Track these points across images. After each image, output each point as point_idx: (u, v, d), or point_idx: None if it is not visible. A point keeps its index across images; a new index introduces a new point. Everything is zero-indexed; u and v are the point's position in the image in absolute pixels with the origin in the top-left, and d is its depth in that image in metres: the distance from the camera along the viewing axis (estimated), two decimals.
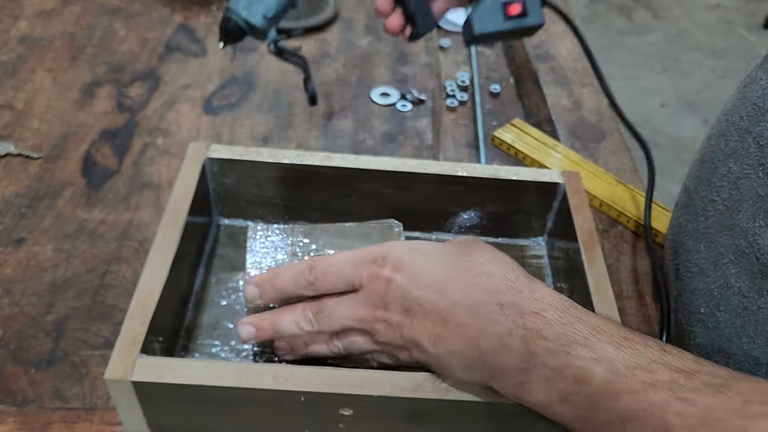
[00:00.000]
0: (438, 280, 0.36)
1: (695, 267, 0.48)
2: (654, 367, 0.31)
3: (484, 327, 0.34)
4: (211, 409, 0.38)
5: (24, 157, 0.62)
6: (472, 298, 0.34)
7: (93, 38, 0.79)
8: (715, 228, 0.46)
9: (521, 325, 0.33)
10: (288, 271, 0.40)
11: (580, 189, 0.51)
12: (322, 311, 0.39)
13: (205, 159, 0.50)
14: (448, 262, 0.37)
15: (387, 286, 0.36)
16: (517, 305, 0.34)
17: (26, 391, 0.45)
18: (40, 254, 0.54)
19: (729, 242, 0.44)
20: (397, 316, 0.36)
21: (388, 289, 0.36)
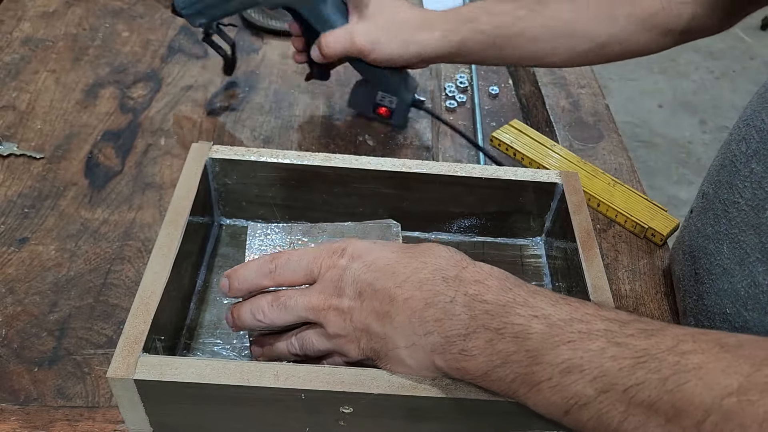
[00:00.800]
0: (390, 263, 0.37)
1: (718, 268, 0.48)
2: (589, 319, 0.32)
3: (429, 297, 0.35)
4: (213, 408, 0.38)
5: (27, 158, 0.63)
6: (419, 275, 0.36)
7: (96, 39, 0.79)
8: (739, 228, 0.46)
9: (463, 292, 0.34)
10: (253, 262, 0.41)
11: (578, 189, 0.51)
12: (278, 299, 0.39)
13: (207, 159, 0.50)
14: (403, 250, 0.38)
15: (342, 273, 0.37)
16: (460, 277, 0.35)
17: (29, 389, 0.45)
18: (43, 254, 0.54)
19: (755, 241, 0.44)
20: (349, 300, 0.37)
21: (343, 275, 0.37)
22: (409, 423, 0.39)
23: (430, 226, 0.55)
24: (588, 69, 0.80)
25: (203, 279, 0.50)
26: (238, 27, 0.82)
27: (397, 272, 0.36)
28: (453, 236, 0.56)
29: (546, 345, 0.32)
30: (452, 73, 0.81)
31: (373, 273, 0.37)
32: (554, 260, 0.53)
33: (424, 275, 0.36)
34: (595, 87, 0.78)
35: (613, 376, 0.30)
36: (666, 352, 0.29)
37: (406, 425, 0.39)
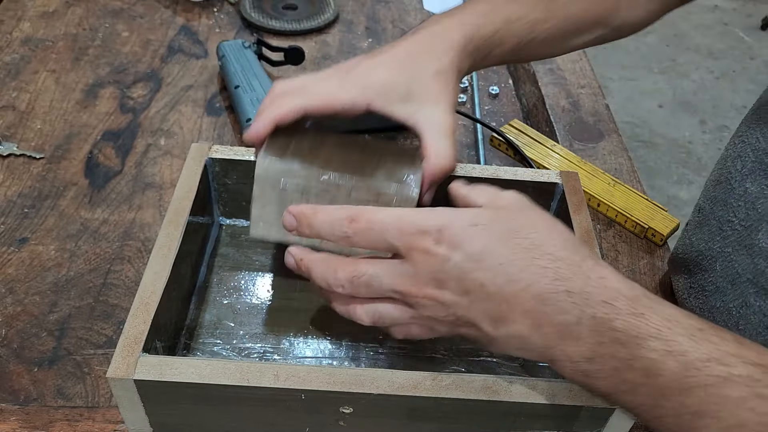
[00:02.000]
0: (501, 262, 0.33)
1: (711, 286, 0.47)
2: (729, 361, 0.29)
3: (552, 315, 0.32)
4: (213, 408, 0.38)
5: (27, 158, 0.63)
6: (539, 285, 0.32)
7: (96, 39, 0.79)
8: (732, 248, 0.45)
9: (590, 315, 0.31)
10: (328, 213, 0.36)
11: (578, 189, 0.51)
12: (360, 277, 0.35)
13: (206, 159, 0.50)
14: (510, 240, 0.33)
15: (442, 265, 0.33)
16: (586, 294, 0.32)
17: (29, 389, 0.45)
18: (43, 254, 0.54)
19: (747, 261, 0.44)
20: (453, 296, 0.33)
21: (443, 267, 0.33)
22: (409, 423, 0.39)
23: None
24: (588, 69, 0.80)
25: (203, 279, 0.50)
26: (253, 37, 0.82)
27: (512, 276, 0.32)
28: None
29: (680, 385, 0.30)
30: None
31: (484, 272, 0.32)
32: None
33: (545, 286, 0.32)
34: (595, 87, 0.78)
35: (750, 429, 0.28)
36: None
37: (406, 425, 0.39)
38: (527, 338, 0.33)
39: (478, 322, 0.34)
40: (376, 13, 0.89)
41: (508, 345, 0.34)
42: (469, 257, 0.33)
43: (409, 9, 0.90)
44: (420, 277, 0.33)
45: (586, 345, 0.32)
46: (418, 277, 0.34)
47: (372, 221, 0.35)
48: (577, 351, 0.32)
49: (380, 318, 0.36)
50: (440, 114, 0.43)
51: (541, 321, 0.32)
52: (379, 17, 0.88)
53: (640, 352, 0.30)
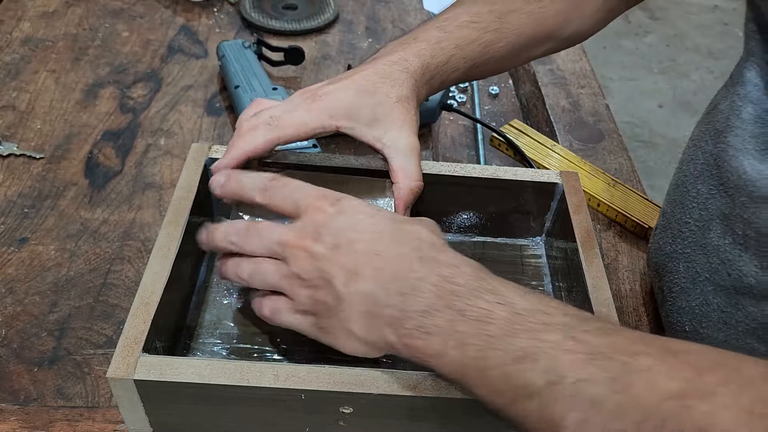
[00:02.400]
0: (375, 231, 0.37)
1: (677, 287, 0.49)
2: (551, 311, 0.32)
3: (399, 272, 0.35)
4: (213, 408, 0.38)
5: (27, 158, 0.63)
6: (397, 249, 0.36)
7: (96, 39, 0.79)
8: (690, 248, 0.47)
9: (437, 272, 0.35)
10: (255, 173, 0.41)
11: (578, 189, 0.51)
12: (255, 227, 0.39)
13: (206, 159, 0.50)
14: (392, 221, 0.38)
15: (327, 221, 0.37)
16: (437, 259, 0.36)
17: (29, 389, 0.45)
18: (43, 254, 0.54)
19: (704, 261, 0.46)
20: (324, 248, 0.37)
21: (326, 223, 0.37)
22: (409, 423, 0.39)
23: None
24: (588, 69, 0.80)
25: (203, 279, 0.50)
26: (254, 38, 0.82)
27: (378, 240, 0.37)
28: (453, 236, 0.56)
29: (505, 331, 0.32)
30: None
31: (357, 233, 0.37)
32: (554, 260, 0.53)
33: (403, 250, 0.36)
34: (595, 87, 0.78)
35: (564, 368, 0.30)
36: (618, 352, 0.30)
37: (406, 425, 0.39)
38: (372, 295, 0.35)
39: (334, 276, 0.36)
40: (376, 13, 0.89)
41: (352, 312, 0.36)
42: (352, 221, 0.37)
43: (409, 9, 0.90)
44: (305, 230, 0.38)
45: (425, 298, 0.34)
46: (303, 230, 0.38)
47: (290, 181, 0.40)
48: (414, 304, 0.34)
49: (257, 274, 0.39)
50: (405, 138, 0.47)
51: (390, 277, 0.35)
52: (379, 17, 0.88)
53: (474, 302, 0.33)
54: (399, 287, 0.35)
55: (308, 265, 0.37)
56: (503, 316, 0.32)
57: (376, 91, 0.46)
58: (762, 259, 0.42)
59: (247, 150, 0.44)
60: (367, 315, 0.35)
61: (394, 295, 0.35)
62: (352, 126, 0.46)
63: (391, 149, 0.46)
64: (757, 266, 0.42)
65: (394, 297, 0.35)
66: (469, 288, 0.34)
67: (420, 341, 0.34)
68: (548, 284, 0.53)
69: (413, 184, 0.46)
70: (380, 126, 0.46)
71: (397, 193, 0.46)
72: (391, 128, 0.46)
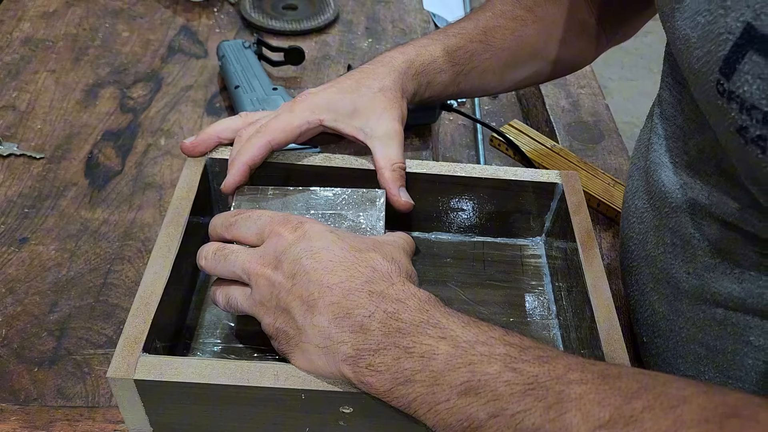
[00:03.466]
0: (331, 259, 0.37)
1: (632, 300, 0.51)
2: (492, 342, 0.33)
3: (351, 308, 0.35)
4: (213, 407, 0.38)
5: (27, 158, 0.63)
6: (350, 284, 0.36)
7: (96, 40, 0.79)
8: (636, 261, 0.49)
9: (383, 309, 0.35)
10: (225, 213, 0.43)
11: (578, 189, 0.52)
12: (222, 250, 0.40)
13: (206, 159, 0.50)
14: (351, 250, 0.38)
15: (286, 248, 0.38)
16: (384, 294, 0.36)
17: (29, 389, 0.45)
18: (44, 254, 0.54)
19: (647, 272, 0.47)
20: (282, 277, 0.37)
21: (285, 250, 0.38)
22: (409, 423, 0.39)
23: (430, 226, 0.55)
24: (588, 69, 0.80)
25: (203, 279, 0.50)
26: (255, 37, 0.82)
27: (334, 271, 0.37)
28: (453, 236, 0.56)
29: (449, 366, 0.32)
30: None
31: (314, 262, 0.37)
32: (554, 260, 0.53)
33: (354, 284, 0.36)
34: (595, 87, 0.78)
35: (504, 401, 0.31)
36: (554, 380, 0.31)
37: (406, 425, 0.39)
38: (327, 330, 0.35)
39: (292, 307, 0.37)
40: (376, 13, 0.89)
41: (310, 341, 0.36)
42: (310, 248, 0.38)
43: (409, 9, 0.90)
44: (265, 257, 0.38)
45: (374, 337, 0.34)
46: (264, 258, 0.38)
47: (254, 212, 0.41)
48: (365, 342, 0.34)
49: (228, 298, 0.41)
50: (385, 123, 0.48)
51: (341, 313, 0.35)
52: (379, 17, 0.88)
53: (419, 338, 0.34)
54: (350, 324, 0.35)
55: (268, 294, 0.38)
56: (446, 350, 0.33)
57: (359, 87, 0.49)
58: (689, 265, 0.43)
59: (246, 161, 0.46)
60: (325, 350, 0.36)
61: (347, 332, 0.35)
62: (334, 117, 0.48)
63: (372, 139, 0.48)
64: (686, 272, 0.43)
65: (346, 334, 0.35)
66: (414, 324, 0.34)
67: (372, 378, 0.34)
68: (548, 284, 0.53)
69: (394, 167, 0.47)
70: (361, 116, 0.48)
71: (382, 180, 0.47)
72: (370, 117, 0.48)
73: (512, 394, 0.31)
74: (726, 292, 0.41)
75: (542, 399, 0.30)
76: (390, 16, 0.89)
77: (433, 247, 0.55)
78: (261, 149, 0.46)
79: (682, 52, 0.37)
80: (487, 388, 0.31)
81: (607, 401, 0.29)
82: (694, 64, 0.36)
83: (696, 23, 0.35)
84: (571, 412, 0.29)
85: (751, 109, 0.32)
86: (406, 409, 0.34)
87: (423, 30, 0.87)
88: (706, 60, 0.34)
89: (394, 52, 0.52)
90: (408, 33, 0.86)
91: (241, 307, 0.40)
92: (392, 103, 0.49)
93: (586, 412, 0.29)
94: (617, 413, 0.28)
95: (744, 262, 0.39)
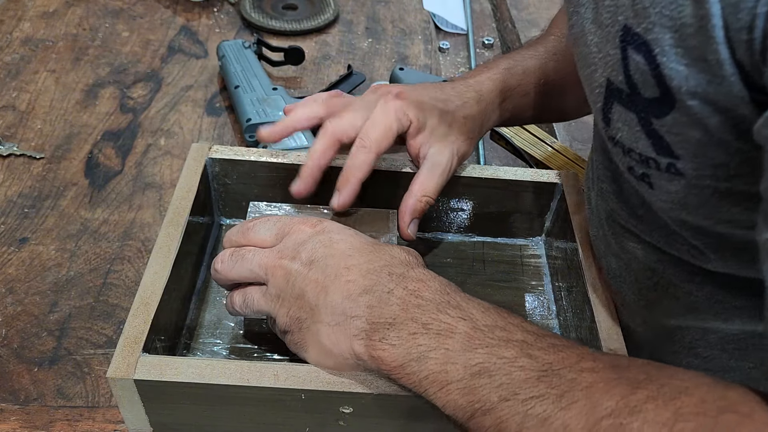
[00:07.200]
0: (349, 248, 0.38)
1: None
2: (510, 328, 0.33)
3: (369, 285, 0.36)
4: (213, 407, 0.38)
5: (27, 158, 0.63)
6: (368, 265, 0.37)
7: (96, 40, 0.79)
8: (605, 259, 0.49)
9: (403, 286, 0.36)
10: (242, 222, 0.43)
11: (578, 189, 0.52)
12: (239, 252, 0.40)
13: (206, 159, 0.50)
14: (368, 243, 0.39)
15: (305, 239, 0.39)
16: (405, 275, 0.37)
17: (29, 389, 0.45)
18: (44, 254, 0.54)
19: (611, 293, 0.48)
20: (299, 265, 0.38)
21: (304, 241, 0.38)
22: (409, 423, 0.39)
23: (431, 226, 0.55)
24: None
25: (203, 279, 0.50)
26: (255, 37, 0.82)
27: (352, 256, 0.37)
28: (453, 236, 0.56)
29: (465, 346, 0.33)
30: (452, 72, 0.81)
31: (331, 250, 0.38)
32: (554, 260, 0.53)
33: (373, 266, 0.37)
34: None
35: (517, 385, 0.31)
36: (567, 369, 0.31)
37: (406, 425, 0.39)
38: (340, 306, 0.36)
39: (307, 291, 0.37)
40: (376, 13, 0.89)
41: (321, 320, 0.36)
42: (329, 239, 0.38)
43: (409, 9, 0.90)
44: (283, 251, 0.39)
45: (391, 311, 0.35)
46: (283, 251, 0.39)
47: (271, 217, 0.42)
48: (381, 316, 0.35)
49: (246, 301, 0.40)
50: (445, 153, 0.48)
51: (359, 289, 0.36)
52: (379, 17, 0.88)
53: (437, 316, 0.34)
54: (367, 300, 0.35)
55: (284, 283, 0.38)
56: (464, 331, 0.33)
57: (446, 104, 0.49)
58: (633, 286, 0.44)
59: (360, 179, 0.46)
60: (336, 327, 0.36)
61: (363, 307, 0.35)
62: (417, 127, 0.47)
63: (425, 160, 0.48)
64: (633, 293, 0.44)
65: (362, 309, 0.35)
66: (434, 302, 0.35)
67: (384, 352, 0.34)
68: (548, 284, 0.53)
69: (422, 198, 0.47)
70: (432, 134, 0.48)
71: (405, 202, 0.47)
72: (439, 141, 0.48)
73: (526, 380, 0.31)
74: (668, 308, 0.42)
75: (555, 386, 0.30)
76: (390, 16, 0.89)
77: (433, 247, 0.55)
78: (371, 165, 0.46)
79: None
80: (502, 372, 0.31)
81: (614, 391, 0.29)
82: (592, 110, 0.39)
83: (584, 75, 0.38)
84: (581, 401, 0.29)
85: (630, 152, 0.34)
86: (416, 387, 0.34)
87: (423, 30, 0.87)
88: (594, 108, 0.37)
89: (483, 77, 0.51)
90: (408, 33, 0.86)
91: (257, 304, 0.40)
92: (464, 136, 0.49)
93: (594, 401, 0.29)
94: (622, 403, 0.28)
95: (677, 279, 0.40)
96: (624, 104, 0.33)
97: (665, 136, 0.32)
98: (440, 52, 0.84)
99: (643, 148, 0.33)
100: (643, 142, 0.33)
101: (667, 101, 0.30)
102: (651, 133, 0.32)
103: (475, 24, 0.89)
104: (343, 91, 0.71)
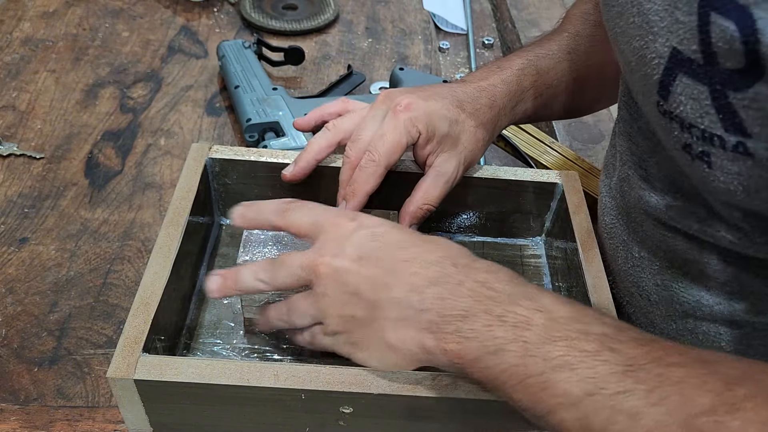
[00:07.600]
0: (400, 240, 0.37)
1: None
2: (589, 320, 0.32)
3: (435, 277, 0.35)
4: (213, 407, 0.38)
5: (27, 158, 0.63)
6: (428, 257, 0.36)
7: (96, 40, 0.79)
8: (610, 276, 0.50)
9: (473, 278, 0.34)
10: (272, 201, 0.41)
11: (578, 189, 0.52)
12: (274, 261, 0.39)
13: (206, 159, 0.50)
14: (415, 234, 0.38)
15: (347, 235, 0.37)
16: (471, 266, 0.35)
17: (29, 389, 0.45)
18: (44, 254, 0.54)
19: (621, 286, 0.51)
20: (347, 261, 0.36)
21: (348, 236, 0.37)
22: (409, 423, 0.39)
23: (430, 226, 0.55)
24: None
25: (203, 279, 0.50)
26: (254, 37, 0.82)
27: (406, 248, 0.36)
28: (453, 236, 0.56)
29: (543, 339, 0.32)
30: (452, 72, 0.81)
31: (381, 243, 0.36)
32: (554, 260, 0.53)
33: (434, 258, 0.35)
34: None
35: (602, 380, 0.30)
36: (653, 363, 0.30)
37: (406, 425, 0.39)
38: (406, 299, 0.34)
39: (362, 289, 0.35)
40: (376, 13, 0.89)
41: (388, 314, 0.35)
42: (373, 233, 0.37)
43: (409, 9, 0.90)
44: (324, 248, 0.37)
45: (464, 302, 0.34)
46: (323, 248, 0.37)
47: (307, 203, 0.40)
48: (453, 309, 0.33)
49: (292, 312, 0.39)
50: (452, 162, 0.47)
51: (424, 282, 0.35)
52: (379, 17, 0.88)
53: (512, 308, 0.33)
54: (436, 292, 0.34)
55: (333, 281, 0.36)
56: (541, 323, 0.32)
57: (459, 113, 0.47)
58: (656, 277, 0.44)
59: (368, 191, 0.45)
60: (402, 322, 0.35)
61: (432, 299, 0.34)
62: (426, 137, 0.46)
63: (430, 168, 0.47)
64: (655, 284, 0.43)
65: (431, 301, 0.34)
66: (507, 294, 0.34)
67: (458, 345, 0.33)
68: (548, 284, 0.53)
69: (423, 206, 0.47)
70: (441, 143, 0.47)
71: (405, 209, 0.47)
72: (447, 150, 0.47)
73: (611, 374, 0.30)
74: (694, 300, 0.41)
75: (643, 381, 0.29)
76: (390, 16, 0.89)
77: None
78: (379, 178, 0.45)
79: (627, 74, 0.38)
80: (584, 365, 0.30)
81: (707, 386, 0.28)
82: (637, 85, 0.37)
83: (633, 48, 0.36)
84: (672, 397, 0.28)
85: (691, 128, 0.33)
86: (493, 381, 0.33)
87: (423, 30, 0.87)
88: (645, 82, 0.35)
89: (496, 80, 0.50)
90: (408, 33, 0.86)
91: (303, 308, 0.38)
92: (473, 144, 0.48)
93: (687, 397, 0.28)
94: (718, 400, 0.27)
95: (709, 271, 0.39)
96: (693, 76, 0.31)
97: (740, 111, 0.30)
98: (440, 52, 0.84)
99: (709, 123, 0.31)
100: (710, 117, 0.31)
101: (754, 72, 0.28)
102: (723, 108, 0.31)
103: (475, 24, 0.89)
104: (343, 91, 0.71)
